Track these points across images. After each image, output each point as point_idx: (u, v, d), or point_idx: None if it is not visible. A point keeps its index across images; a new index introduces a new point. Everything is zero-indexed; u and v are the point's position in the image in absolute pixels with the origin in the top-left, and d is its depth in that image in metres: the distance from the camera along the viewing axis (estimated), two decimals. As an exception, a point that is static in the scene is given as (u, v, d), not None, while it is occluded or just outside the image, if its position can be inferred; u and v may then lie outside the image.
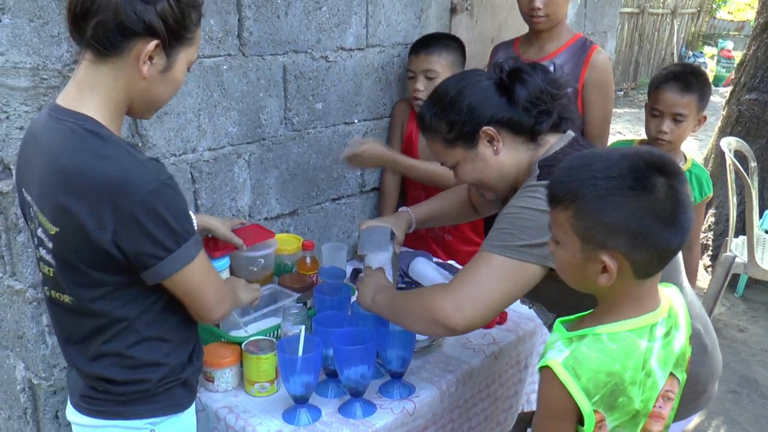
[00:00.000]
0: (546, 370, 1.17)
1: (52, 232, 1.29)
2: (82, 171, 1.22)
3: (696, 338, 1.62)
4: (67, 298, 1.35)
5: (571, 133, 1.61)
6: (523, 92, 1.54)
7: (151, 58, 1.25)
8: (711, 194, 2.50)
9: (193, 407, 1.52)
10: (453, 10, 2.80)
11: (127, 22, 1.20)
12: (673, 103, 2.31)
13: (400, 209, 2.10)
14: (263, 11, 2.11)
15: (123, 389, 1.39)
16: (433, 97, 1.63)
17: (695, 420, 3.24)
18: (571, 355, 1.15)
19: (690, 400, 1.62)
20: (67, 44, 1.67)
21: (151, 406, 1.41)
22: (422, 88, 2.42)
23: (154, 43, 1.23)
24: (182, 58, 1.31)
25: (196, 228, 1.42)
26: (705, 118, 2.38)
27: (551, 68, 1.87)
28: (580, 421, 1.17)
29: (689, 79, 2.32)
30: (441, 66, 2.41)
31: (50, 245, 1.31)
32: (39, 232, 1.33)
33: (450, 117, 1.57)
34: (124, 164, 1.22)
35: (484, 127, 1.55)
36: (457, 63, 2.45)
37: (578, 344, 1.17)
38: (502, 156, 1.58)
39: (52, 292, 1.38)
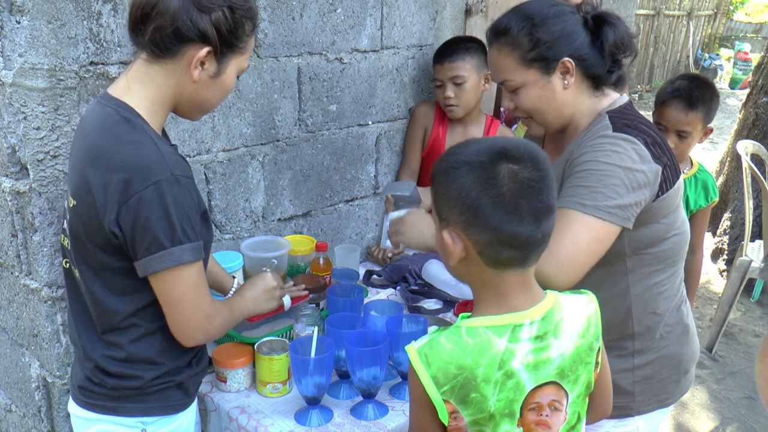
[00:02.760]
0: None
1: (71, 205, 1.35)
2: (105, 151, 1.28)
3: (680, 319, 1.68)
4: (77, 273, 1.40)
5: (626, 96, 1.63)
6: (612, 36, 1.54)
7: (202, 63, 1.31)
8: (717, 198, 2.50)
9: (191, 411, 1.52)
10: (468, 12, 2.80)
11: (183, 29, 1.27)
12: (677, 121, 2.31)
13: None
14: (278, 13, 2.12)
15: (116, 383, 1.41)
16: (523, 12, 1.57)
17: (710, 425, 3.22)
18: (427, 343, 1.16)
19: (671, 381, 1.68)
20: (83, 46, 1.68)
21: (142, 404, 1.43)
22: (452, 95, 2.47)
23: (206, 49, 1.30)
24: (233, 65, 1.37)
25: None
26: (711, 129, 2.38)
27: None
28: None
29: (694, 95, 2.30)
30: (467, 70, 2.45)
31: (68, 216, 1.38)
32: (65, 203, 1.41)
33: (538, 35, 1.52)
34: (145, 151, 1.27)
35: (566, 58, 1.53)
36: (481, 64, 2.48)
37: (438, 334, 1.17)
38: (568, 92, 1.56)
39: (68, 263, 1.44)
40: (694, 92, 2.30)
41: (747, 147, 3.86)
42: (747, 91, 5.08)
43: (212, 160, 2.08)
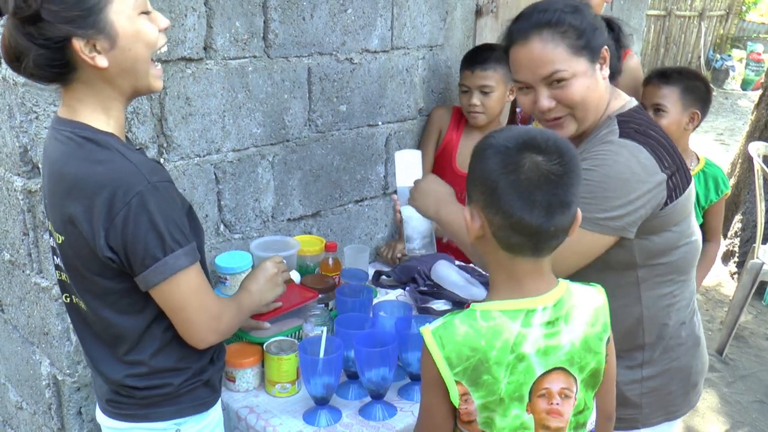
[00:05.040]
0: (423, 338, 1.20)
1: (60, 241, 1.31)
2: (80, 178, 1.23)
3: (692, 331, 1.66)
4: (82, 304, 1.36)
5: (635, 100, 1.62)
6: (619, 31, 1.57)
7: (93, 49, 1.21)
8: (728, 191, 2.50)
9: (218, 405, 1.53)
10: (478, 13, 2.79)
11: (45, 51, 1.19)
12: (653, 95, 2.39)
13: None
14: (289, 13, 2.12)
15: (146, 393, 1.40)
16: (555, 5, 1.51)
17: (720, 429, 3.20)
18: (442, 325, 1.19)
19: (679, 394, 1.67)
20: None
21: (175, 407, 1.42)
22: (478, 102, 2.46)
23: (74, 40, 1.19)
24: (116, 19, 1.21)
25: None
26: (697, 115, 2.38)
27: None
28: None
29: (669, 71, 2.41)
30: (496, 80, 2.44)
31: (59, 253, 1.33)
32: (51, 241, 1.36)
33: (583, 24, 1.49)
34: (116, 167, 1.22)
35: (605, 47, 1.52)
36: (509, 74, 2.46)
37: (453, 316, 1.19)
38: (603, 84, 1.55)
39: (73, 297, 1.39)
40: (673, 73, 2.40)
41: (759, 149, 3.83)
42: (759, 92, 5.04)
43: (222, 160, 2.08)
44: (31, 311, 1.99)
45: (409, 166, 1.82)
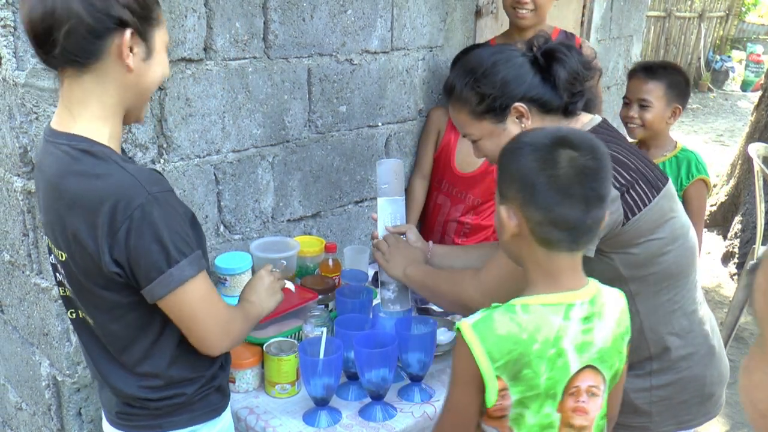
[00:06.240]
0: (458, 333, 1.20)
1: (63, 259, 1.28)
2: (79, 194, 1.21)
3: (704, 340, 1.63)
4: (89, 319, 1.35)
5: (599, 117, 1.61)
6: (563, 73, 1.52)
7: (131, 48, 1.21)
8: (704, 176, 2.45)
9: (229, 408, 1.51)
10: (478, 13, 2.79)
11: (95, 23, 1.16)
12: (638, 89, 2.41)
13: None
14: (289, 14, 2.12)
15: (160, 404, 1.38)
16: (465, 67, 1.59)
17: (720, 430, 3.19)
18: (481, 319, 1.19)
19: (694, 404, 1.63)
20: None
21: (188, 414, 1.41)
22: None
23: (129, 31, 1.19)
24: (158, 40, 1.27)
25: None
26: (679, 109, 2.42)
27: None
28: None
29: (655, 66, 2.45)
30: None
31: (63, 270, 1.31)
32: (52, 258, 1.33)
33: (482, 89, 1.54)
34: (115, 180, 1.20)
35: (516, 104, 1.53)
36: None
37: (492, 311, 1.20)
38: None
39: (79, 312, 1.37)
40: (658, 68, 2.43)
41: (759, 150, 3.83)
42: (759, 93, 5.05)
43: (222, 160, 2.08)
44: (31, 312, 1.99)
45: (390, 181, 1.88)
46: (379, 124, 2.52)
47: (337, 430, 1.60)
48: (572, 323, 1.19)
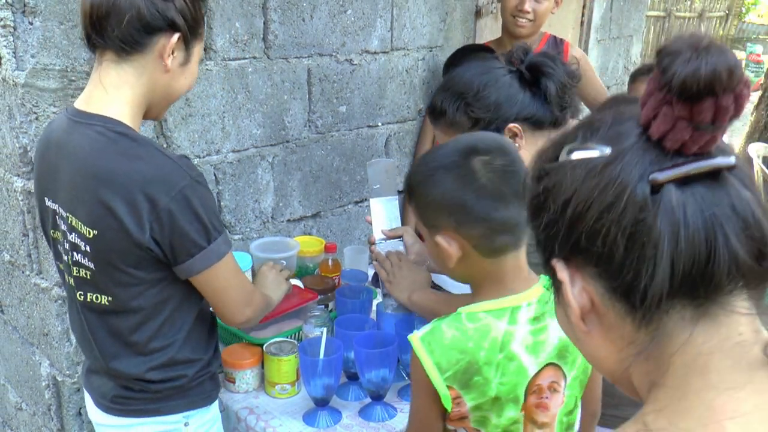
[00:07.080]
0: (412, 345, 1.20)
1: (90, 236, 1.30)
2: (118, 172, 1.26)
3: None
4: (104, 299, 1.37)
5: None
6: (552, 87, 1.50)
7: (173, 51, 1.30)
8: None
9: (217, 401, 1.56)
10: (478, 13, 2.79)
11: (151, 20, 1.25)
12: (642, 91, 2.41)
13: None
14: (288, 14, 2.12)
15: (160, 386, 1.42)
16: (453, 90, 1.56)
17: None
18: (429, 331, 1.19)
19: None
20: (95, 46, 1.69)
21: (185, 399, 1.46)
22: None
23: (177, 36, 1.28)
24: (196, 52, 1.37)
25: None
26: None
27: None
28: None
29: None
30: None
31: (87, 248, 1.32)
32: (72, 237, 1.34)
33: (475, 113, 1.52)
34: (158, 163, 1.27)
35: (510, 125, 1.51)
36: None
37: (439, 322, 1.20)
38: (522, 152, 1.55)
39: (88, 295, 1.38)
40: None
41: (759, 150, 3.84)
42: (759, 93, 5.05)
43: (222, 160, 2.08)
44: (31, 312, 1.99)
45: (381, 181, 1.86)
46: (379, 124, 2.52)
47: (337, 431, 1.60)
48: (519, 326, 1.18)
